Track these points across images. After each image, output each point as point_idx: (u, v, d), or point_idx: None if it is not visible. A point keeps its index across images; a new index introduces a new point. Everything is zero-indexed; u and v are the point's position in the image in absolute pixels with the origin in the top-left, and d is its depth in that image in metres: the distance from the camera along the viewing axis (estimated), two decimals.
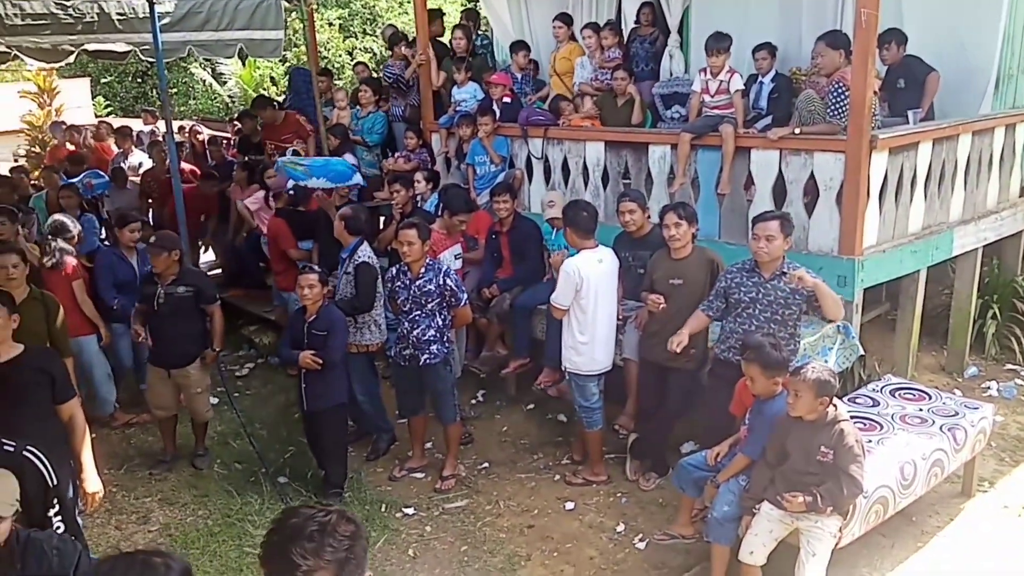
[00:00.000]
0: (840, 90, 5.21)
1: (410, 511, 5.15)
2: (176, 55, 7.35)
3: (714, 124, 5.79)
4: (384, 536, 4.88)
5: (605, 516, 4.98)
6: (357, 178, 7.06)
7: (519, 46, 7.87)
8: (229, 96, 21.04)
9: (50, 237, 5.99)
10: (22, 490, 2.77)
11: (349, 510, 1.76)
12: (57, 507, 3.00)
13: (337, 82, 10.93)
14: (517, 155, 7.25)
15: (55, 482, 3.00)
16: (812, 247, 5.39)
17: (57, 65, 8.34)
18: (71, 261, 5.91)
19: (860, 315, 5.47)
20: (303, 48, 17.83)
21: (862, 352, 5.42)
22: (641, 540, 4.70)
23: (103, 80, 22.09)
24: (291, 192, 7.17)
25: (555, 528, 4.90)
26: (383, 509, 5.16)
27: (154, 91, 21.75)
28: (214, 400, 6.08)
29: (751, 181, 5.70)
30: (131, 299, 5.85)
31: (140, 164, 9.31)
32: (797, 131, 5.44)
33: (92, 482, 3.87)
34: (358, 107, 8.42)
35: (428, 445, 5.77)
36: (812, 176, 5.35)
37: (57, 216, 6.42)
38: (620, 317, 5.31)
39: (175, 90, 21.49)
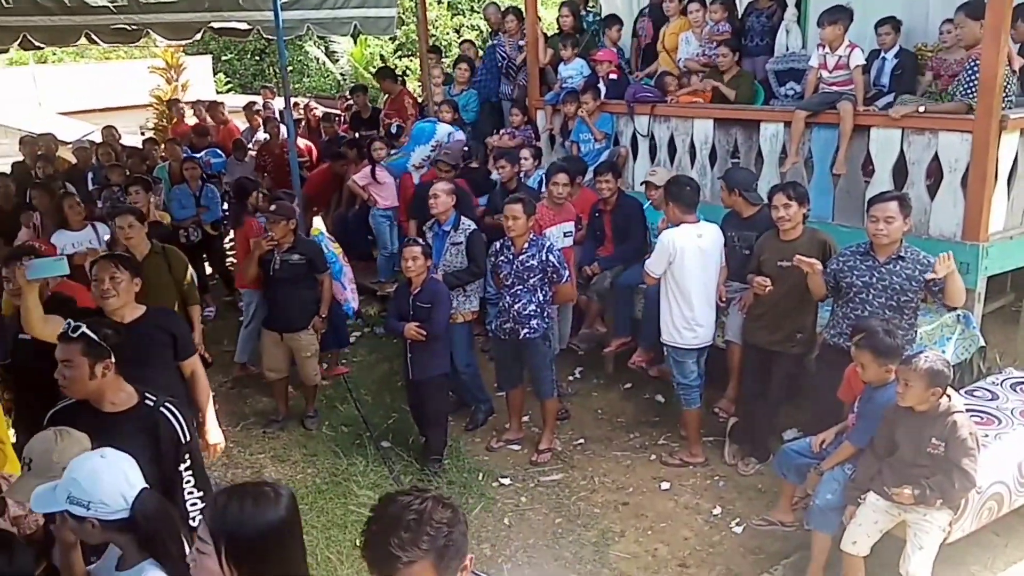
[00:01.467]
0: (977, 66, 4.91)
1: (506, 481, 5.25)
2: (295, 33, 7.63)
3: (831, 101, 5.57)
4: (481, 504, 5.01)
5: (701, 498, 4.95)
6: (442, 129, 7.07)
7: (613, 20, 7.76)
8: (341, 74, 21.65)
9: None
10: (156, 445, 2.96)
11: (447, 495, 1.77)
12: (188, 462, 3.06)
13: (444, 60, 11.08)
14: (622, 132, 7.19)
15: (187, 438, 3.06)
16: (933, 231, 5.13)
17: (184, 42, 8.79)
18: None
19: (982, 305, 5.17)
20: (412, 26, 18.12)
21: (982, 344, 5.14)
22: (738, 524, 4.65)
23: (224, 58, 23.13)
24: None
25: (650, 507, 4.90)
26: (480, 478, 5.29)
27: (271, 68, 22.65)
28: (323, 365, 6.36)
29: (869, 161, 5.46)
30: None
31: (267, 139, 9.71)
32: (921, 109, 5.17)
33: (214, 434, 4.10)
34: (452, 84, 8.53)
35: (525, 418, 5.86)
36: (936, 157, 5.08)
37: None
38: (723, 299, 5.23)
39: (290, 68, 22.25)
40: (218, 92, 18.57)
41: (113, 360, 2.94)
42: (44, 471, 2.41)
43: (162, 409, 3.04)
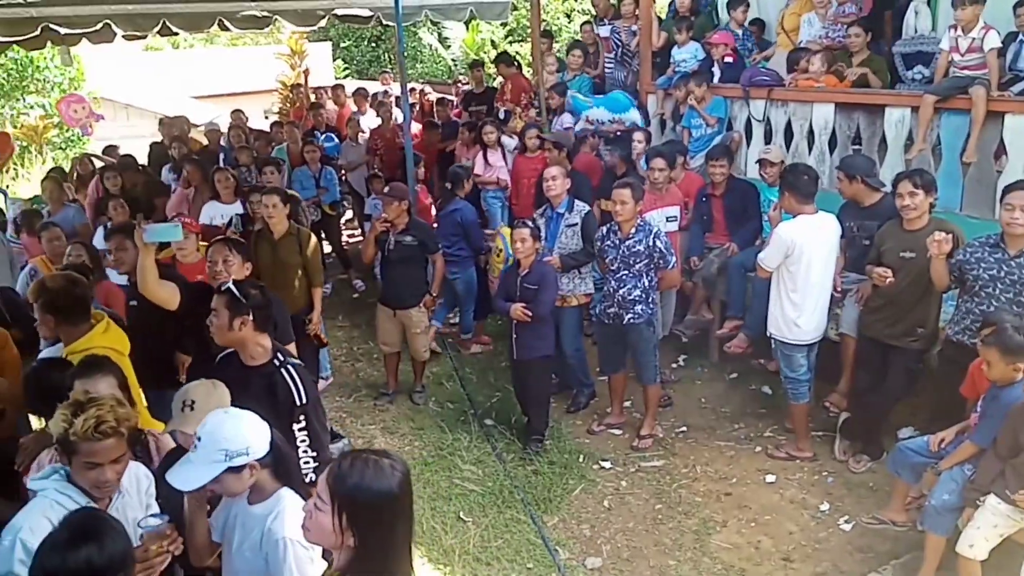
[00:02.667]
0: None
1: (607, 464, 5.29)
2: (413, 19, 7.83)
3: (963, 85, 5.27)
4: (581, 485, 5.07)
5: (808, 493, 4.83)
6: (635, 115, 7.09)
7: (737, 2, 7.56)
8: (452, 59, 21.99)
9: None
10: (274, 402, 3.17)
11: None
12: (303, 423, 3.22)
13: (555, 44, 11.09)
14: (736, 117, 7.03)
15: (302, 401, 3.23)
16: None
17: (309, 29, 9.11)
18: None
19: None
20: (524, 11, 18.19)
21: None
22: (847, 522, 4.52)
23: (342, 44, 23.89)
24: None
25: (753, 499, 4.83)
26: (581, 459, 5.35)
27: (387, 55, 23.22)
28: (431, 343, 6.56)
29: (1003, 150, 5.15)
30: None
31: (379, 124, 10.01)
32: None
33: None
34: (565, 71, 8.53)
35: (627, 404, 5.87)
36: None
37: None
38: (839, 289, 5.07)
39: (404, 54, 22.78)
40: (336, 78, 19.19)
41: (251, 318, 3.22)
42: (205, 412, 2.63)
43: (283, 370, 3.26)
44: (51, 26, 6.75)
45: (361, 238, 9.65)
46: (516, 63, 9.03)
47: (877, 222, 4.88)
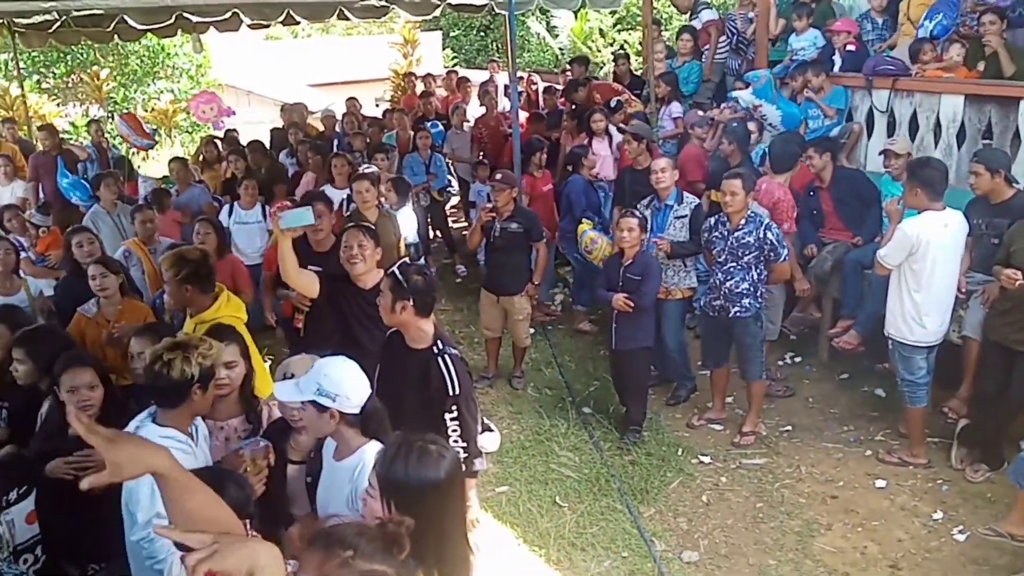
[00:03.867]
0: None
1: (706, 459, 5.22)
2: (525, 8, 7.85)
3: None
4: (679, 479, 5.02)
5: (921, 501, 4.63)
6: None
7: None
8: (560, 48, 21.95)
9: None
10: (428, 388, 3.29)
11: None
12: (455, 413, 3.29)
13: (665, 32, 10.92)
14: (857, 108, 6.74)
15: (455, 391, 3.29)
16: None
17: (424, 18, 9.29)
18: None
19: None
20: None
21: None
22: (961, 532, 4.31)
23: (451, 34, 24.24)
24: None
25: (861, 503, 4.66)
26: (679, 453, 5.29)
27: (495, 44, 23.39)
28: (531, 329, 6.62)
29: None
30: None
31: (484, 112, 10.13)
32: None
33: None
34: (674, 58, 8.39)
35: (729, 399, 5.76)
36: None
37: None
38: (963, 290, 4.81)
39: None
40: (444, 67, 19.50)
41: (411, 303, 3.34)
42: None
43: (439, 358, 3.34)
44: (184, 14, 7.16)
45: (465, 224, 9.82)
46: (625, 54, 8.96)
47: (1008, 220, 4.61)
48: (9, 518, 2.81)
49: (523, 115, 9.57)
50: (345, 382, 2.57)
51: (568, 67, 11.30)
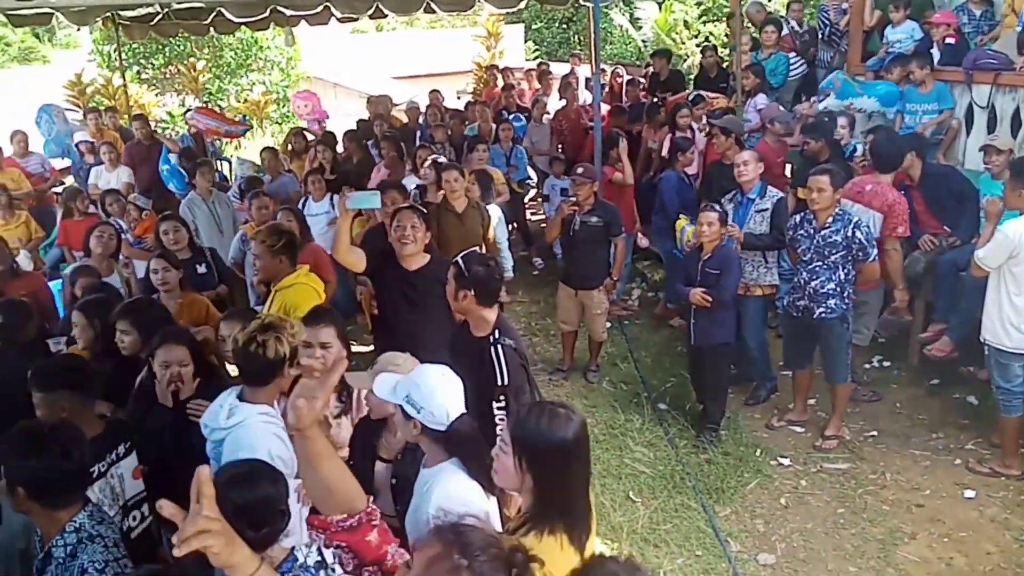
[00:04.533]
0: None
1: (786, 461, 5.11)
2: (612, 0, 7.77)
3: None
4: (756, 480, 4.93)
5: (1012, 514, 4.43)
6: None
7: None
8: (643, 40, 21.67)
9: None
10: (478, 376, 3.30)
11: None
12: (503, 402, 3.34)
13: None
14: (956, 103, 6.46)
15: (504, 382, 3.34)
16: None
17: (509, 10, 9.30)
18: None
19: None
20: None
21: None
22: None
23: (533, 26, 24.23)
24: None
25: (948, 513, 4.49)
26: (757, 453, 5.20)
27: (576, 36, 23.27)
28: (608, 324, 6.60)
29: None
30: None
31: (564, 105, 10.12)
32: None
33: None
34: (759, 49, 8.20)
35: (811, 401, 5.62)
36: None
37: None
38: None
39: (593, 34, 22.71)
40: (526, 59, 19.55)
41: (472, 292, 3.43)
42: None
43: (493, 348, 3.39)
44: (278, 8, 7.39)
45: (543, 216, 9.83)
46: (712, 45, 8.80)
47: None
48: (120, 472, 2.98)
49: (604, 108, 9.52)
50: (434, 397, 2.52)
51: (651, 60, 11.20)
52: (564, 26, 24.41)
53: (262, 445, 2.77)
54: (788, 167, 6.71)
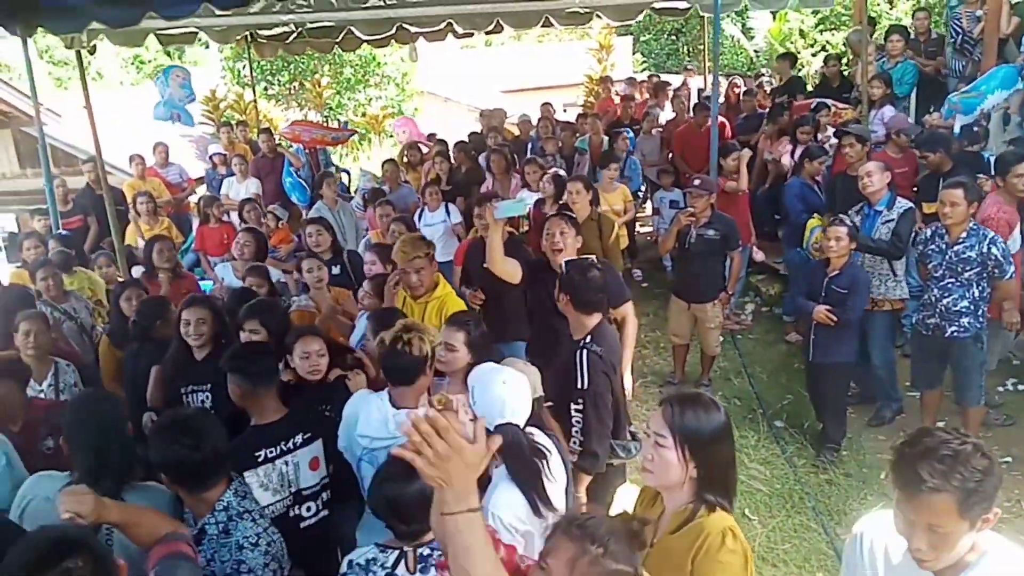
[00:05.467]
0: None
1: None
2: (731, 9, 7.69)
3: None
4: (881, 503, 4.72)
5: None
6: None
7: None
8: (755, 51, 21.26)
9: None
10: (564, 376, 3.40)
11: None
12: (580, 404, 3.41)
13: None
14: None
15: (583, 384, 3.42)
16: None
17: (625, 23, 9.32)
18: None
19: None
20: None
21: None
22: None
23: (642, 39, 24.13)
24: None
25: None
26: (881, 476, 5.00)
27: (686, 48, 23.07)
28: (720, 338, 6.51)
29: None
30: None
31: (674, 116, 10.07)
32: None
33: (626, 378, 4.46)
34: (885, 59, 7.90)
35: (939, 423, 5.37)
36: None
37: None
38: None
39: (702, 46, 22.41)
40: (634, 72, 19.49)
41: (568, 297, 3.57)
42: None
43: (579, 352, 3.48)
44: (403, 25, 7.69)
45: (650, 229, 9.79)
46: (836, 55, 8.56)
47: None
48: (296, 460, 3.15)
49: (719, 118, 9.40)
50: (483, 399, 2.66)
51: (763, 72, 11.01)
52: (672, 38, 24.22)
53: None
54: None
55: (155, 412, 4.02)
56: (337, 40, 8.81)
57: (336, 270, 5.73)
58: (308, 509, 3.21)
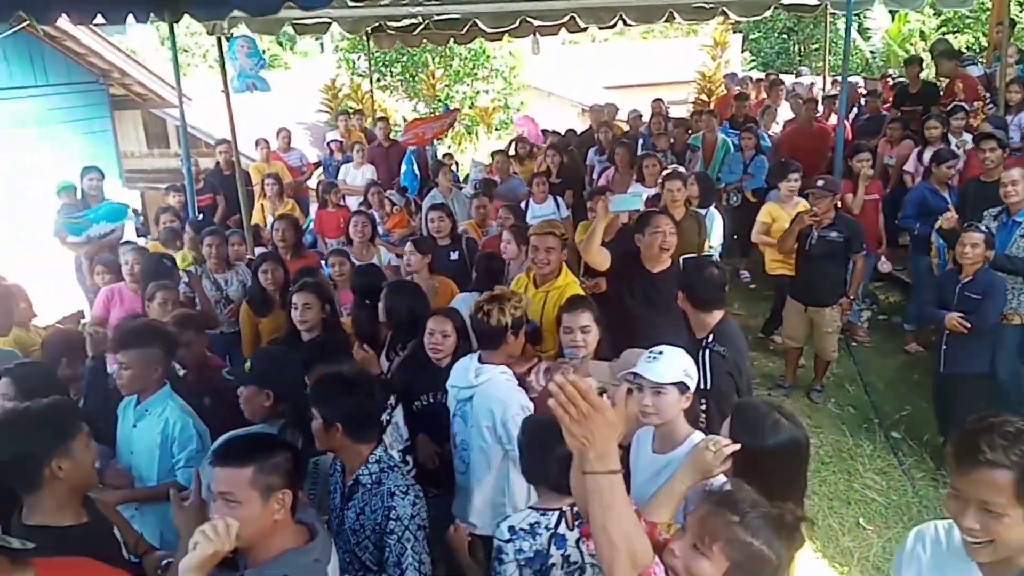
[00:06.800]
0: None
1: None
2: (864, 7, 7.44)
3: None
4: None
5: None
6: None
7: None
8: (871, 52, 20.45)
9: None
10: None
11: None
12: (703, 405, 3.36)
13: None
14: None
15: (707, 386, 3.35)
16: None
17: (755, 18, 9.13)
18: None
19: None
20: None
21: None
22: None
23: (751, 37, 23.60)
24: None
25: None
26: None
27: (797, 47, 22.44)
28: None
29: None
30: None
31: (793, 117, 9.85)
32: None
33: None
34: None
35: None
36: None
37: None
38: None
39: (816, 46, 21.75)
40: (743, 69, 19.11)
41: (686, 294, 3.64)
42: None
43: (702, 351, 3.45)
44: (527, 19, 7.77)
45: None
46: (971, 57, 8.19)
47: None
48: (396, 419, 3.41)
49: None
50: (692, 368, 2.77)
51: (890, 72, 10.62)
52: (784, 36, 23.58)
53: (512, 398, 3.23)
54: None
55: None
56: (460, 32, 8.99)
57: (454, 255, 5.90)
58: (406, 463, 3.48)
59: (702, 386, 3.36)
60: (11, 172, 9.71)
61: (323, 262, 6.00)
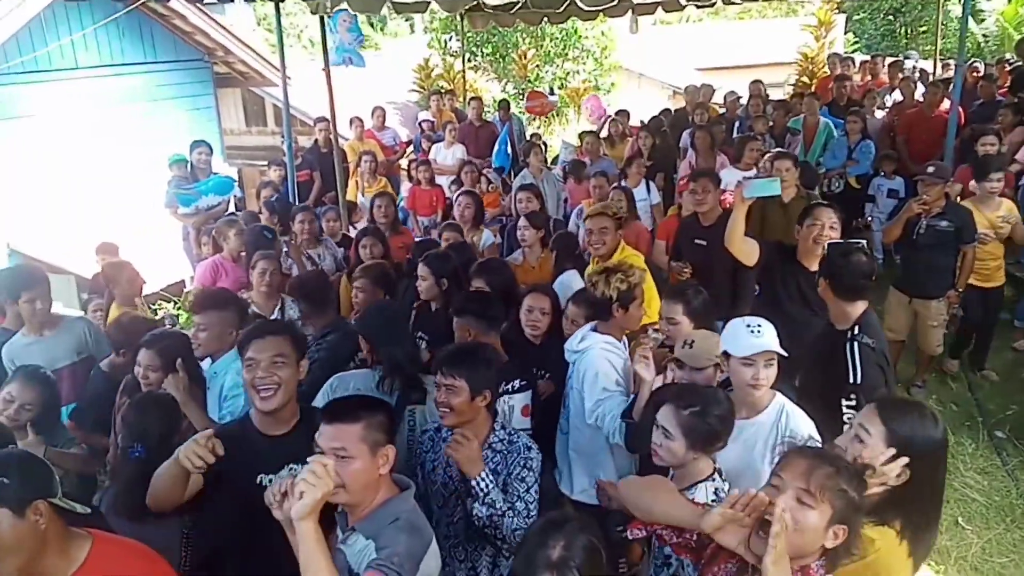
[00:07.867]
0: None
1: None
2: None
3: None
4: None
5: None
6: None
7: None
8: (983, 35, 19.33)
9: None
10: (830, 368, 3.32)
11: None
12: (853, 401, 3.21)
13: None
14: None
15: (856, 380, 3.21)
16: None
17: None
18: None
19: None
20: None
21: None
22: None
23: (855, 17, 22.64)
24: None
25: None
26: None
27: (903, 29, 21.45)
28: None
29: None
30: None
31: (901, 100, 9.45)
32: None
33: None
34: None
35: None
36: None
37: None
38: None
39: (924, 28, 20.74)
40: (845, 51, 18.35)
41: (828, 282, 3.49)
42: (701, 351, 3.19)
43: (849, 343, 3.28)
44: None
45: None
46: None
47: None
48: (512, 403, 3.45)
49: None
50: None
51: (1005, 58, 10.04)
52: (890, 17, 22.54)
53: (603, 368, 3.35)
54: None
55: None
56: (556, 11, 8.93)
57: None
58: None
59: (851, 380, 3.24)
60: (123, 145, 10.21)
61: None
